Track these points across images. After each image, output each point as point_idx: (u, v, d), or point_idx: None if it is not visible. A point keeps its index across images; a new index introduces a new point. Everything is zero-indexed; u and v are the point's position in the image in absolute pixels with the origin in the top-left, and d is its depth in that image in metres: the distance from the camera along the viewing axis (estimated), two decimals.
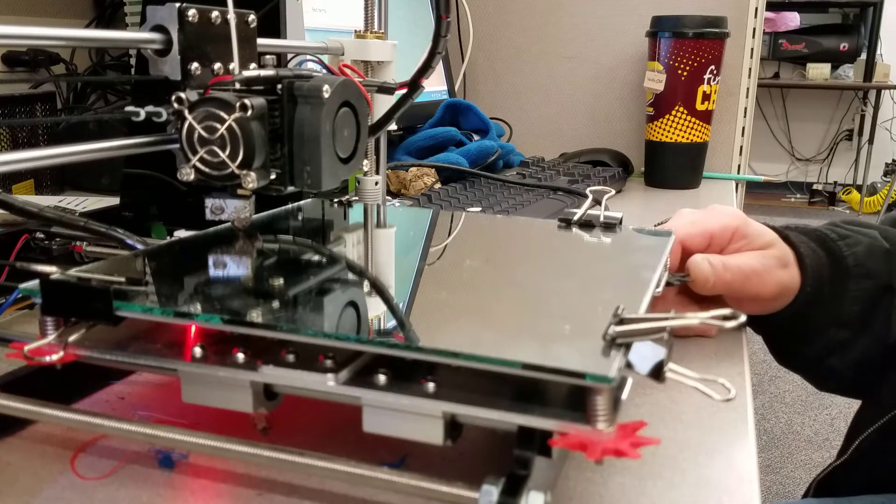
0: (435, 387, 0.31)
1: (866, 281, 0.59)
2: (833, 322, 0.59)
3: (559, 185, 0.96)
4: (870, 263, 0.59)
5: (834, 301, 0.59)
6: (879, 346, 0.60)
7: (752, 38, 1.23)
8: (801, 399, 2.29)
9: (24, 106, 1.00)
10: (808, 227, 0.62)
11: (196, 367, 0.33)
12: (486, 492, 0.28)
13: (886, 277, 0.59)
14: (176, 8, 0.40)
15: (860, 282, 0.59)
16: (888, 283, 0.59)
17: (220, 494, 0.35)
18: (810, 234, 0.60)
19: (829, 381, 0.68)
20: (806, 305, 0.57)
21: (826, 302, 0.58)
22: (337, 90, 0.41)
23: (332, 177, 0.42)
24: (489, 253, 0.52)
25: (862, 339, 0.60)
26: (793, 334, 0.61)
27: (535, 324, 0.35)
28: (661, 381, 0.30)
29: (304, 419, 0.40)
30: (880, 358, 0.61)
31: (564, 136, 1.35)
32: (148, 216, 0.63)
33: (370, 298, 0.39)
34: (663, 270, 0.45)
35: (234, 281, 0.40)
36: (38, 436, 0.39)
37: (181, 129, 0.39)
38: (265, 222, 0.52)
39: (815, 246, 0.59)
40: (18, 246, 0.57)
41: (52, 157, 0.37)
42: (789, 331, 0.60)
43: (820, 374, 0.67)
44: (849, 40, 4.61)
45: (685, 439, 0.40)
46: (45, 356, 0.35)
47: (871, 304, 0.59)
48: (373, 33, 0.51)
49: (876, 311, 0.60)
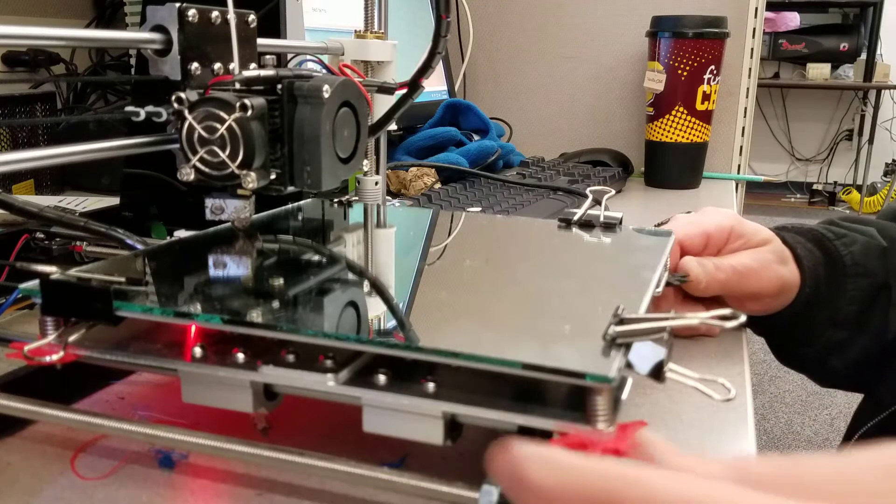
0: (435, 387, 0.31)
1: (863, 280, 0.59)
2: (831, 322, 0.59)
3: (559, 185, 0.96)
4: (867, 262, 0.59)
5: (831, 301, 0.59)
6: (878, 344, 0.60)
7: (752, 38, 1.23)
8: (801, 399, 2.29)
9: (24, 106, 1.00)
10: (804, 227, 0.61)
11: (196, 367, 0.33)
12: (486, 492, 0.28)
13: (883, 275, 0.59)
14: (176, 8, 0.40)
15: (857, 281, 0.59)
16: (885, 280, 0.59)
17: (220, 494, 0.35)
18: (806, 233, 0.60)
19: (830, 379, 0.68)
20: (805, 305, 0.57)
21: (824, 302, 0.58)
22: (337, 90, 0.41)
23: (332, 177, 0.42)
24: (489, 253, 0.52)
25: (860, 339, 0.60)
26: (792, 335, 0.61)
27: (535, 324, 0.35)
28: (661, 381, 0.30)
29: (304, 419, 0.40)
30: (879, 355, 0.61)
31: (564, 136, 1.35)
32: (148, 216, 0.63)
33: (370, 298, 0.39)
34: (663, 270, 0.45)
35: (234, 281, 0.40)
36: (38, 436, 0.39)
37: (181, 129, 0.39)
38: (265, 222, 0.52)
39: (811, 246, 0.59)
40: (18, 246, 0.57)
41: (52, 157, 0.37)
42: (789, 332, 0.60)
43: (821, 374, 0.67)
44: (849, 40, 4.62)
45: (685, 439, 0.40)
46: (45, 356, 0.35)
47: (868, 304, 0.59)
48: (373, 33, 0.51)
49: (873, 310, 0.60)
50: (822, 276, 0.58)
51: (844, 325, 0.59)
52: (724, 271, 0.52)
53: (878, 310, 0.60)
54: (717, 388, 0.31)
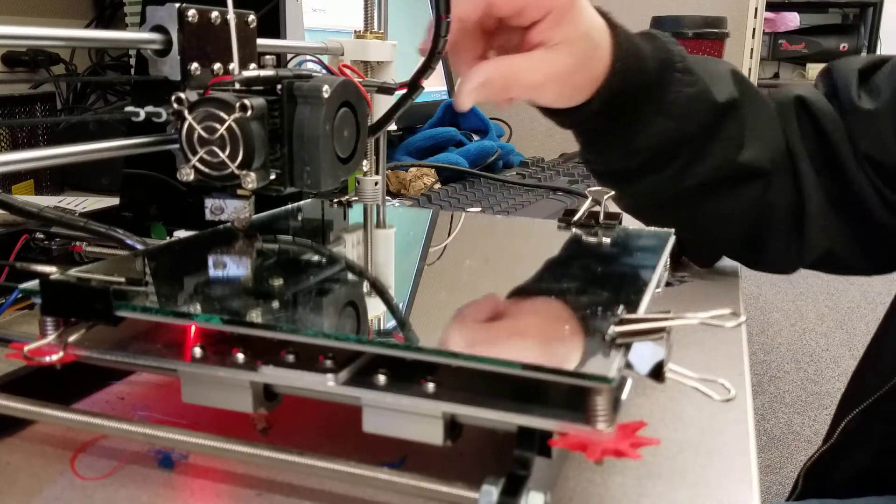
0: (435, 387, 0.31)
1: (672, 123, 0.56)
2: (658, 112, 0.56)
3: (559, 185, 0.96)
4: (690, 109, 0.56)
5: (658, 91, 0.56)
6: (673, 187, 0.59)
7: (751, 39, 1.23)
8: (801, 399, 2.29)
9: (24, 106, 1.00)
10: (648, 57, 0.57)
11: (196, 367, 0.33)
12: (486, 492, 0.28)
13: (700, 129, 0.57)
14: (176, 8, 0.40)
15: (684, 79, 0.56)
16: (696, 133, 0.57)
17: (220, 494, 0.35)
18: (650, 57, 0.56)
19: (645, 204, 0.64)
20: (622, 79, 0.53)
21: (648, 88, 0.55)
22: (337, 90, 0.41)
23: (332, 177, 0.42)
24: (489, 253, 0.52)
25: (651, 177, 0.58)
26: (612, 121, 0.56)
27: (534, 324, 0.35)
28: (661, 381, 0.30)
29: (304, 419, 0.40)
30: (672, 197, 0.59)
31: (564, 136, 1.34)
32: (148, 216, 0.63)
33: (370, 298, 0.39)
34: (663, 270, 0.45)
35: (234, 281, 0.40)
36: (38, 436, 0.39)
37: (181, 129, 0.39)
38: (265, 222, 0.52)
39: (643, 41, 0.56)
40: (18, 246, 0.57)
41: (52, 158, 0.37)
42: (607, 114, 0.55)
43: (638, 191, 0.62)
44: (849, 40, 4.61)
45: (685, 439, 0.40)
46: (45, 356, 0.35)
47: (670, 151, 0.57)
48: (372, 33, 0.51)
49: (674, 160, 0.57)
50: (647, 57, 0.55)
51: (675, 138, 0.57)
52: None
53: (679, 160, 0.58)
54: (717, 388, 0.31)
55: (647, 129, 0.57)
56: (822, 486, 0.76)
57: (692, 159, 0.58)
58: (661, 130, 0.57)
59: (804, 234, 0.61)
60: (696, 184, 0.59)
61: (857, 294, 3.00)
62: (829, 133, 0.60)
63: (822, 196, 0.60)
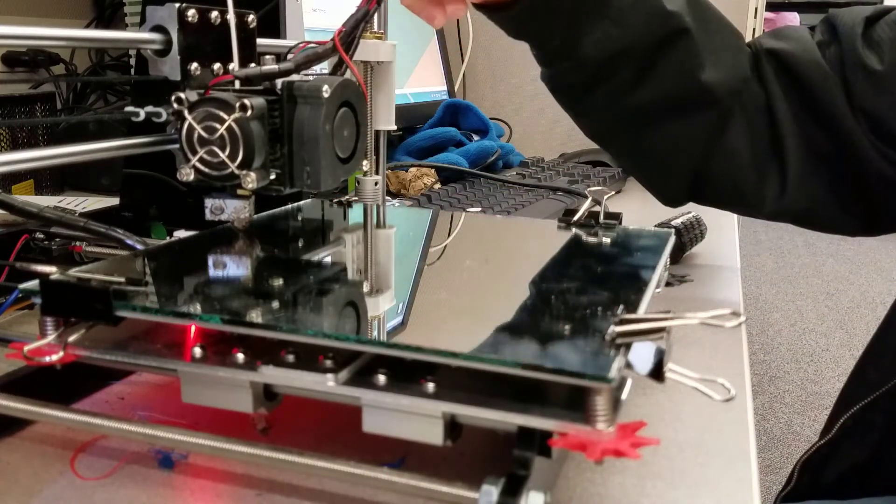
0: (435, 387, 0.31)
1: (615, 29, 0.55)
2: (600, 16, 0.55)
3: (559, 185, 0.96)
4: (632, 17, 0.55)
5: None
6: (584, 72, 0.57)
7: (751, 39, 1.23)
8: (801, 399, 2.29)
9: (24, 106, 1.00)
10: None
11: (196, 367, 0.33)
12: (486, 492, 0.28)
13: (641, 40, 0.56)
14: (176, 8, 0.40)
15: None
16: (678, 10, 0.56)
17: (220, 494, 0.35)
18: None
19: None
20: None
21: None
22: (337, 90, 0.41)
23: (332, 177, 0.42)
24: (489, 253, 0.52)
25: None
26: (553, 21, 0.56)
27: (534, 324, 0.35)
28: (661, 381, 0.30)
29: (304, 419, 0.40)
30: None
31: (564, 137, 1.34)
32: (148, 216, 0.63)
33: (370, 298, 0.39)
34: (663, 270, 0.45)
35: (234, 281, 0.40)
36: (38, 436, 0.39)
37: (181, 129, 0.39)
38: (265, 222, 0.52)
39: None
40: (18, 246, 0.57)
41: (52, 158, 0.37)
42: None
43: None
44: None
45: (685, 439, 0.40)
46: (45, 356, 0.35)
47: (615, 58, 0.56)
48: (372, 33, 0.51)
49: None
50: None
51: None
52: None
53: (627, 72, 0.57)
54: (717, 388, 0.31)
55: (590, 37, 0.55)
56: (817, 479, 0.76)
57: (642, 74, 0.57)
58: (605, 37, 0.55)
59: (785, 175, 0.59)
60: (646, 102, 0.57)
61: (857, 294, 3.00)
62: (816, 84, 0.58)
63: (800, 141, 0.59)
